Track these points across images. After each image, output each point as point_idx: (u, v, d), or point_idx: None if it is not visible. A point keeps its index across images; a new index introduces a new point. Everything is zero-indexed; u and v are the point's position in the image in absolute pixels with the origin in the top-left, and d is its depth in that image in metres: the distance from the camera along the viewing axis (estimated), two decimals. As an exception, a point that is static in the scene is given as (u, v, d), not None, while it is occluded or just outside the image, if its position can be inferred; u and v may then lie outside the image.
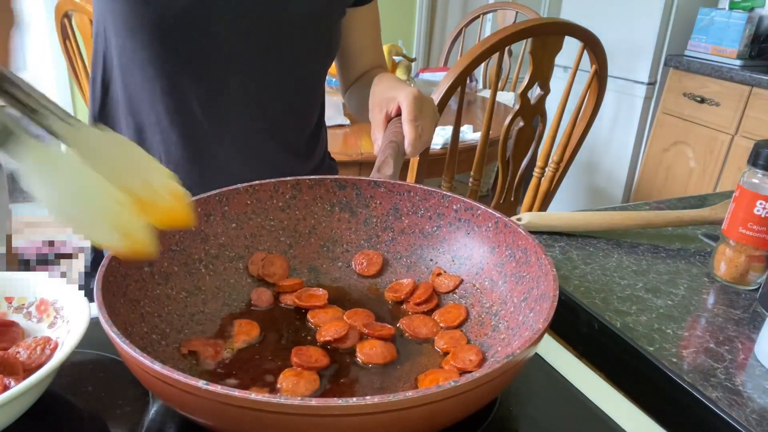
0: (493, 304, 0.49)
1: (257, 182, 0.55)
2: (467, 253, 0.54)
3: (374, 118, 0.70)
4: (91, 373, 0.46)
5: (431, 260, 0.56)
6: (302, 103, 0.81)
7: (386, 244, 0.57)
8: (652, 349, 0.52)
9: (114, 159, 0.40)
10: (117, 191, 0.38)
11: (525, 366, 0.38)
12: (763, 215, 0.59)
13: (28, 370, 0.41)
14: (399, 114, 0.67)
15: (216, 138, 0.73)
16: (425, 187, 0.56)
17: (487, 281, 0.51)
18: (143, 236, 0.38)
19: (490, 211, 0.52)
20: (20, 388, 0.36)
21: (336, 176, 0.58)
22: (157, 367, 0.31)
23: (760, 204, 0.59)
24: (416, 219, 0.57)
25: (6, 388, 0.39)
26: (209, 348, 0.45)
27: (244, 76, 0.72)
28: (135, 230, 0.38)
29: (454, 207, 0.55)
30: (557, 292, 0.41)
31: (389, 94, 0.69)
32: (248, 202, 0.55)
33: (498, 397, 0.45)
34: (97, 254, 0.85)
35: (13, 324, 0.46)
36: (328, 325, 0.48)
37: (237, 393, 0.29)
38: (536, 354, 0.51)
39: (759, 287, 0.62)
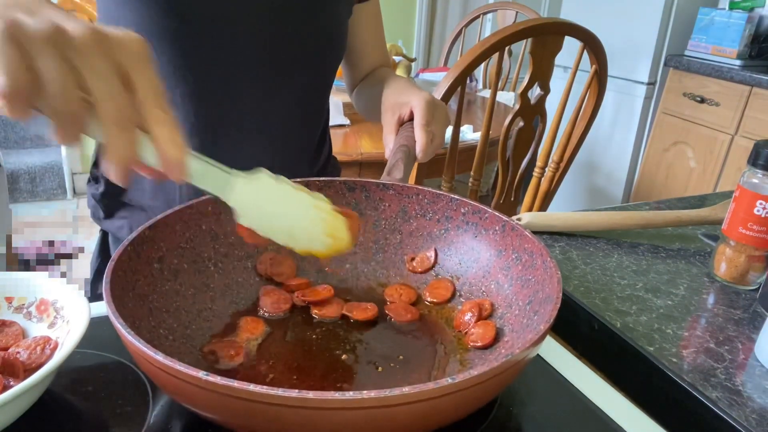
0: (499, 307, 0.49)
1: None
2: (474, 256, 0.54)
3: (386, 121, 0.70)
4: (91, 373, 0.46)
5: (438, 263, 0.56)
6: (314, 108, 0.81)
7: (394, 247, 0.58)
8: (652, 349, 0.52)
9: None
10: (311, 198, 0.42)
11: (525, 367, 0.37)
12: (763, 215, 0.59)
13: (28, 370, 0.41)
14: (411, 118, 0.67)
15: (227, 143, 0.73)
16: (434, 190, 0.56)
17: (493, 284, 0.51)
18: (346, 234, 0.43)
19: (497, 214, 0.53)
20: (20, 388, 0.36)
21: (345, 178, 0.58)
22: (160, 357, 0.31)
23: (760, 204, 0.59)
24: (424, 222, 0.57)
25: (6, 388, 0.39)
26: (230, 349, 0.45)
27: (256, 84, 0.71)
28: (339, 230, 0.43)
29: (462, 210, 0.55)
30: (560, 295, 0.41)
31: (402, 98, 0.69)
32: None
33: (498, 397, 0.45)
34: (102, 260, 0.85)
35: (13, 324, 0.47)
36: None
37: (236, 384, 0.30)
38: (537, 354, 0.51)
39: (759, 287, 0.62)
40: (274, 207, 0.41)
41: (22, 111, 0.30)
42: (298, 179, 0.56)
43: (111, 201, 0.79)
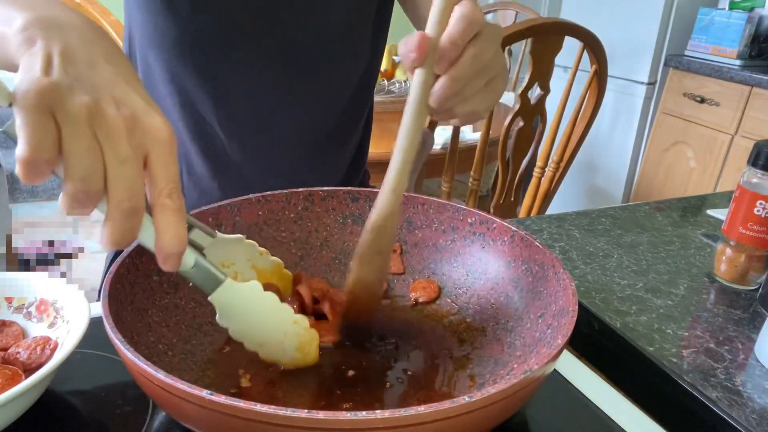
0: (509, 320, 0.48)
1: (269, 193, 0.55)
2: (482, 268, 0.53)
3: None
4: (91, 373, 0.46)
5: (444, 275, 0.55)
6: (332, 122, 0.76)
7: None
8: (652, 349, 0.52)
9: (239, 254, 0.48)
10: (292, 313, 0.42)
11: (542, 384, 0.36)
12: (763, 215, 0.59)
13: (28, 370, 0.41)
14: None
15: (237, 155, 0.71)
16: (439, 200, 0.55)
17: (503, 297, 0.50)
18: (315, 350, 0.44)
19: (506, 224, 0.51)
20: (20, 388, 0.36)
21: (349, 188, 0.57)
22: (161, 375, 0.31)
23: (760, 204, 0.59)
24: (430, 232, 0.56)
25: (21, 380, 0.39)
26: (232, 366, 0.44)
27: (265, 96, 0.69)
28: (311, 346, 0.44)
29: (469, 220, 0.54)
30: (576, 308, 0.40)
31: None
32: (260, 213, 0.54)
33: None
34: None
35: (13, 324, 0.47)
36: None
37: (242, 404, 0.29)
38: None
39: (759, 287, 0.62)
40: (254, 315, 0.41)
41: (37, 178, 0.31)
42: (302, 189, 0.56)
43: None
